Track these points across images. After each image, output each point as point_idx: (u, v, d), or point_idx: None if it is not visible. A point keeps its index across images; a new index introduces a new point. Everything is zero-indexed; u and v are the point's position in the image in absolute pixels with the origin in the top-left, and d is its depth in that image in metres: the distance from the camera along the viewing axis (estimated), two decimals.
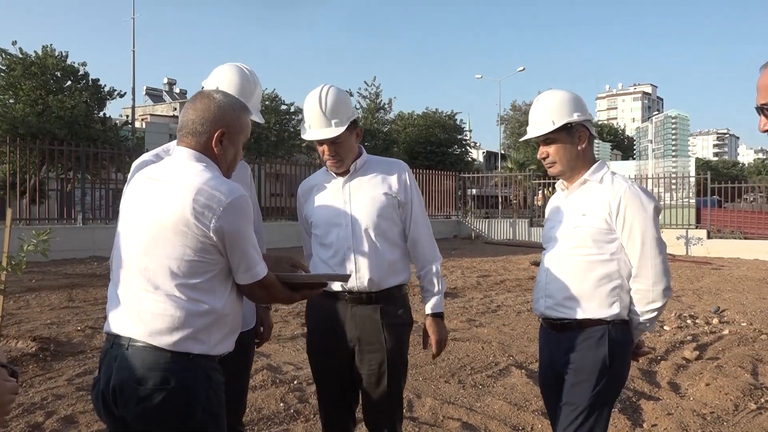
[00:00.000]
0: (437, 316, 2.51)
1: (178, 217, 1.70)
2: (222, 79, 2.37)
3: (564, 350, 2.29)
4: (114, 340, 1.76)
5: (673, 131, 23.81)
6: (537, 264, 13.17)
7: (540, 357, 2.52)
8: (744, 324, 7.14)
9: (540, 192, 24.88)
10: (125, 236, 1.82)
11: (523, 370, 4.98)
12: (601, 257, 2.24)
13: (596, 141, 2.48)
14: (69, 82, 24.50)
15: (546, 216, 2.54)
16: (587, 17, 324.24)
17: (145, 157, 2.26)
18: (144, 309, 1.73)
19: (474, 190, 27.76)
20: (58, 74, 24.22)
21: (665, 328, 6.82)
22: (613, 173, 2.34)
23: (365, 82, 35.47)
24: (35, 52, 23.56)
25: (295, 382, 4.59)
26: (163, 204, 1.73)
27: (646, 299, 2.22)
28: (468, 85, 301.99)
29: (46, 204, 16.13)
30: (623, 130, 76.34)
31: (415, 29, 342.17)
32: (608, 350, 2.21)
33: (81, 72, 24.78)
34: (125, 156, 16.53)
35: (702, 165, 42.28)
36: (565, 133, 2.32)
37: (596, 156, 2.47)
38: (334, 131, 2.38)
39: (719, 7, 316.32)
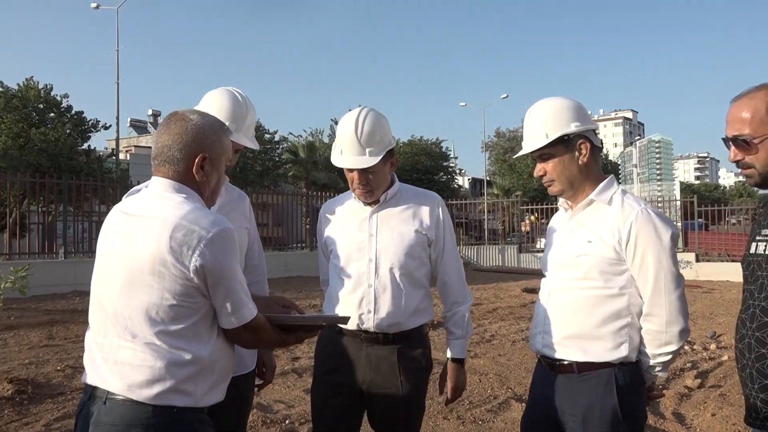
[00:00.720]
0: (458, 362, 2.35)
1: (154, 257, 1.53)
2: (212, 105, 2.23)
3: (564, 395, 2.02)
4: (91, 392, 1.60)
5: (657, 155, 24.13)
6: (528, 291, 13.05)
7: (531, 392, 2.24)
8: None
9: (527, 218, 24.92)
10: (100, 279, 1.66)
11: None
12: (609, 291, 1.96)
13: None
14: (52, 114, 24.33)
15: (546, 239, 2.27)
16: (568, 44, 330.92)
17: (137, 188, 2.11)
18: (121, 360, 1.56)
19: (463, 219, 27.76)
20: (41, 107, 24.06)
21: None
22: (624, 192, 2.04)
23: (350, 110, 35.49)
24: (18, 84, 23.44)
25: (287, 421, 4.40)
26: (138, 242, 1.56)
27: (658, 341, 1.94)
28: (452, 112, 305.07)
29: (27, 238, 15.81)
30: (606, 155, 77.14)
31: (399, 57, 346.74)
32: (618, 398, 1.92)
33: (64, 104, 24.63)
34: (108, 188, 16.28)
35: (685, 188, 42.72)
36: (563, 147, 2.02)
37: None
38: (368, 161, 2.18)
39: (695, 31, 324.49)
